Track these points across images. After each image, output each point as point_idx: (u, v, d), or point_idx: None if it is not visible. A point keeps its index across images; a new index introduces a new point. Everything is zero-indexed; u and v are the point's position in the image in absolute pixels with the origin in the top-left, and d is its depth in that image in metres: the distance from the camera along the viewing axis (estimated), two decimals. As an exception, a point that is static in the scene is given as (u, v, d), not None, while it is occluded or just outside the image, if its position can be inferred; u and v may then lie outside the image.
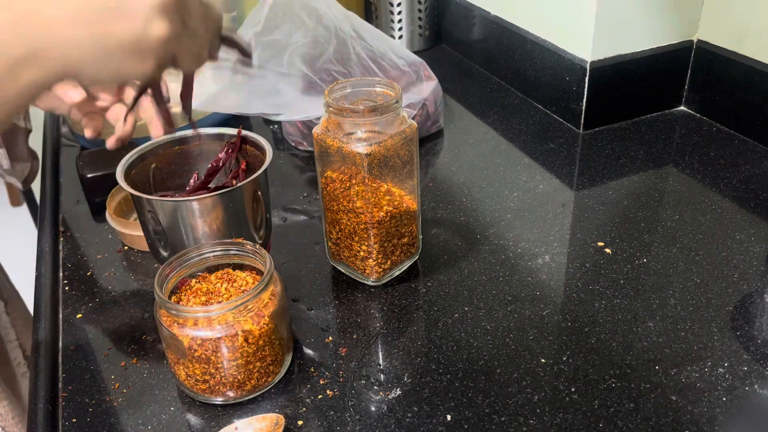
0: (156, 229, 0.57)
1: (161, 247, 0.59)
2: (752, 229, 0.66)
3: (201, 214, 0.56)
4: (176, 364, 0.50)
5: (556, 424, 0.47)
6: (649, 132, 0.86)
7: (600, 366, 0.52)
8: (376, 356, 0.54)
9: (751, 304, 0.57)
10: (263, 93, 0.79)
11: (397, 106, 0.56)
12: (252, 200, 0.58)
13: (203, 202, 0.55)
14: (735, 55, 0.81)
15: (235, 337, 0.47)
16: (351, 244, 0.60)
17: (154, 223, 0.57)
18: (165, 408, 0.50)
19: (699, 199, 0.71)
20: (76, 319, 0.60)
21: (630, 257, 0.63)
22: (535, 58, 0.92)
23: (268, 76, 0.79)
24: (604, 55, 0.83)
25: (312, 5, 0.79)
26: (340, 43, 0.81)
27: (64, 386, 0.53)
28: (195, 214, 0.56)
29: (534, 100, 0.95)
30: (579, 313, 0.57)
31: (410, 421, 0.48)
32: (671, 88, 0.89)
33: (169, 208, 0.56)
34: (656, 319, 0.56)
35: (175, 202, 0.56)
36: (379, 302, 0.60)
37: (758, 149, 0.80)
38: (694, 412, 0.47)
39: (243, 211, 0.58)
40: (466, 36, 1.12)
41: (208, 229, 0.56)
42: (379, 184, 0.57)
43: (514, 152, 0.84)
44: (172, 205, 0.56)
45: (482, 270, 0.63)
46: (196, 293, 0.52)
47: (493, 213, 0.71)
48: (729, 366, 0.51)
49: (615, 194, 0.73)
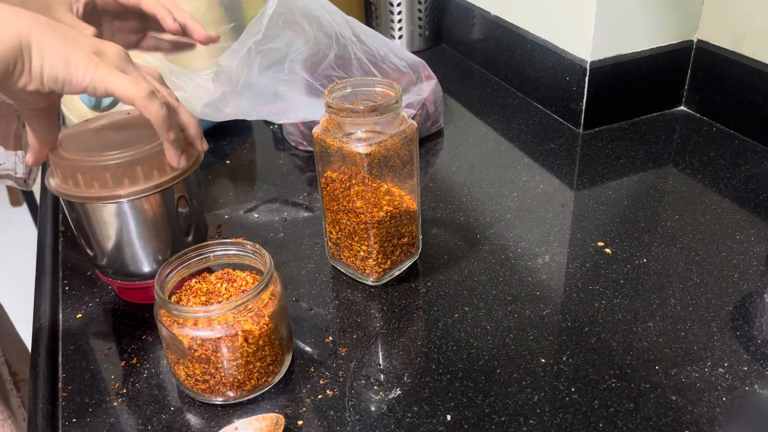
0: (78, 226, 0.57)
1: (87, 246, 0.58)
2: (752, 229, 0.66)
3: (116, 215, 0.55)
4: (176, 364, 0.50)
5: (556, 424, 0.47)
6: (649, 132, 0.86)
7: (600, 366, 0.52)
8: (376, 356, 0.54)
9: (751, 304, 0.57)
10: (264, 99, 0.79)
11: (397, 106, 0.56)
12: (175, 205, 0.57)
13: (115, 205, 0.54)
14: (735, 55, 0.81)
15: (235, 337, 0.47)
16: (351, 244, 0.60)
17: (73, 222, 0.57)
18: (165, 408, 0.50)
19: (699, 199, 0.71)
20: (76, 319, 0.60)
21: (630, 257, 0.63)
22: (535, 58, 0.92)
23: (269, 82, 0.79)
24: (604, 55, 0.83)
25: (313, 13, 0.79)
26: (341, 49, 0.81)
27: (64, 386, 0.53)
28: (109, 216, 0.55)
29: (534, 100, 0.95)
30: (579, 313, 0.57)
31: (410, 421, 0.48)
32: (671, 88, 0.89)
33: (87, 209, 0.55)
34: (656, 319, 0.56)
35: (89, 203, 0.54)
36: (379, 302, 0.60)
37: (758, 149, 0.80)
38: (694, 412, 0.47)
39: (164, 215, 0.56)
40: (466, 36, 1.12)
41: (124, 233, 0.55)
42: (379, 184, 0.57)
43: (514, 152, 0.84)
44: (88, 205, 0.54)
45: (482, 270, 0.63)
46: (196, 293, 0.52)
47: (493, 213, 0.71)
48: (729, 366, 0.51)
49: (615, 194, 0.73)
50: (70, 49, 0.46)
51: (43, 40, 0.45)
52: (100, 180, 0.52)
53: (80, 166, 0.52)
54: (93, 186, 0.53)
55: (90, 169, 0.52)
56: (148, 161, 0.53)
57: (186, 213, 0.58)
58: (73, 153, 0.53)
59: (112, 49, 0.49)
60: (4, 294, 1.98)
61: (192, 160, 0.56)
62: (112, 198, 0.53)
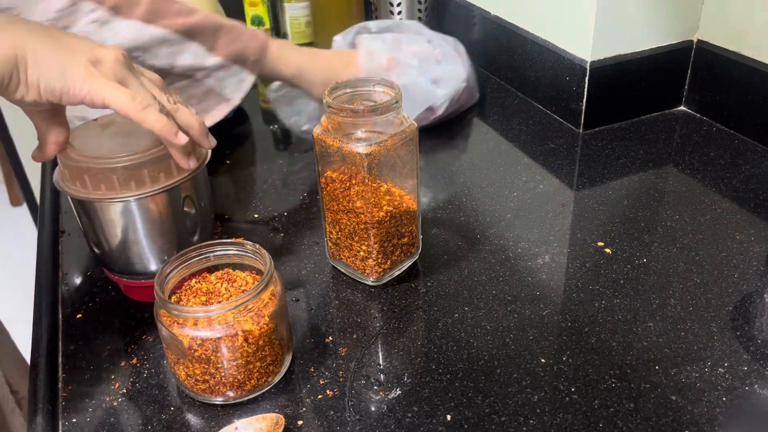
0: (85, 225, 0.57)
1: (94, 245, 0.59)
2: (752, 229, 0.66)
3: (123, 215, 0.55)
4: (176, 364, 0.50)
5: (556, 424, 0.47)
6: (649, 132, 0.86)
7: (600, 366, 0.52)
8: (376, 356, 0.54)
9: (751, 304, 0.57)
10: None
11: (397, 106, 0.56)
12: (181, 205, 0.57)
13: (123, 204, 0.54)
14: (735, 55, 0.81)
15: (235, 337, 0.47)
16: (351, 244, 0.60)
17: (80, 219, 0.57)
18: (165, 408, 0.50)
19: (699, 199, 0.71)
20: (76, 319, 0.60)
21: (630, 257, 0.63)
22: (535, 58, 0.92)
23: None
24: (604, 55, 0.83)
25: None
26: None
27: (64, 386, 0.53)
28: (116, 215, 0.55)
29: (534, 100, 0.95)
30: (579, 313, 0.57)
31: (410, 421, 0.48)
32: (671, 88, 0.89)
33: (94, 207, 0.55)
34: (656, 319, 0.56)
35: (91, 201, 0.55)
36: (379, 302, 0.60)
37: (758, 149, 0.80)
38: (694, 412, 0.47)
39: (169, 214, 0.57)
40: (466, 36, 1.12)
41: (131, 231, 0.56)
42: (379, 184, 0.57)
43: (514, 152, 0.84)
44: (95, 204, 0.55)
45: (482, 270, 0.63)
46: (196, 293, 0.52)
47: (493, 213, 0.71)
48: (729, 366, 0.51)
49: (615, 194, 0.73)
50: (66, 59, 0.46)
51: (39, 52, 0.45)
52: (106, 182, 0.53)
53: (87, 168, 0.53)
54: (100, 188, 0.53)
55: (97, 171, 0.53)
56: (155, 164, 0.53)
57: (192, 212, 0.58)
58: (80, 154, 0.54)
59: (110, 55, 0.49)
60: (3, 294, 1.99)
61: (200, 159, 0.56)
62: (118, 198, 0.54)
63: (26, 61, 0.45)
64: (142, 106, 0.48)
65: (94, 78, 0.47)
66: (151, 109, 0.49)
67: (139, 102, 0.48)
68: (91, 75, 0.47)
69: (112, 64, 0.49)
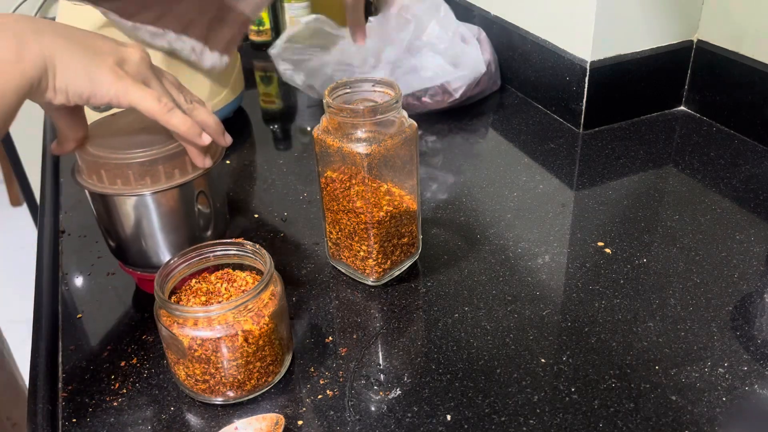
0: (101, 218, 0.58)
1: (109, 238, 0.59)
2: (752, 229, 0.66)
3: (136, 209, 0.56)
4: (176, 364, 0.50)
5: (556, 424, 0.47)
6: (649, 132, 0.86)
7: (600, 366, 0.52)
8: (375, 356, 0.54)
9: (751, 304, 0.57)
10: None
11: (397, 106, 0.56)
12: (194, 200, 0.57)
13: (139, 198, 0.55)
14: (735, 55, 0.81)
15: (235, 337, 0.47)
16: (351, 244, 0.60)
17: (96, 212, 0.58)
18: (165, 408, 0.51)
19: (699, 199, 0.71)
20: (76, 319, 0.60)
21: (630, 257, 0.63)
22: (535, 58, 0.92)
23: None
24: (604, 55, 0.83)
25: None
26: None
27: (64, 386, 0.53)
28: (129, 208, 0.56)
29: (534, 100, 0.95)
30: (579, 313, 0.57)
31: (410, 421, 0.48)
32: (671, 88, 0.89)
33: (110, 201, 0.56)
34: (656, 319, 0.56)
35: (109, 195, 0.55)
36: (379, 302, 0.60)
37: (758, 149, 0.80)
38: (694, 412, 0.47)
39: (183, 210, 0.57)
40: (466, 36, 1.12)
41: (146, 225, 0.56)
42: (379, 184, 0.57)
43: (514, 152, 0.84)
44: (111, 198, 0.55)
45: (482, 270, 0.63)
46: (196, 293, 0.52)
47: (493, 213, 0.71)
48: (729, 366, 0.51)
49: (615, 194, 0.73)
50: (93, 63, 0.48)
51: (67, 58, 0.47)
52: (122, 177, 0.54)
53: (104, 163, 0.54)
54: (116, 183, 0.54)
55: (113, 166, 0.53)
56: (170, 161, 0.54)
57: (205, 208, 0.59)
58: (97, 149, 0.54)
59: (135, 56, 0.51)
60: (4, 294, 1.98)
61: (215, 157, 0.57)
62: (134, 193, 0.54)
63: (54, 68, 0.46)
64: (167, 108, 0.50)
65: (121, 81, 0.48)
66: (176, 111, 0.51)
67: (165, 104, 0.50)
68: (118, 78, 0.48)
69: (136, 65, 0.50)
